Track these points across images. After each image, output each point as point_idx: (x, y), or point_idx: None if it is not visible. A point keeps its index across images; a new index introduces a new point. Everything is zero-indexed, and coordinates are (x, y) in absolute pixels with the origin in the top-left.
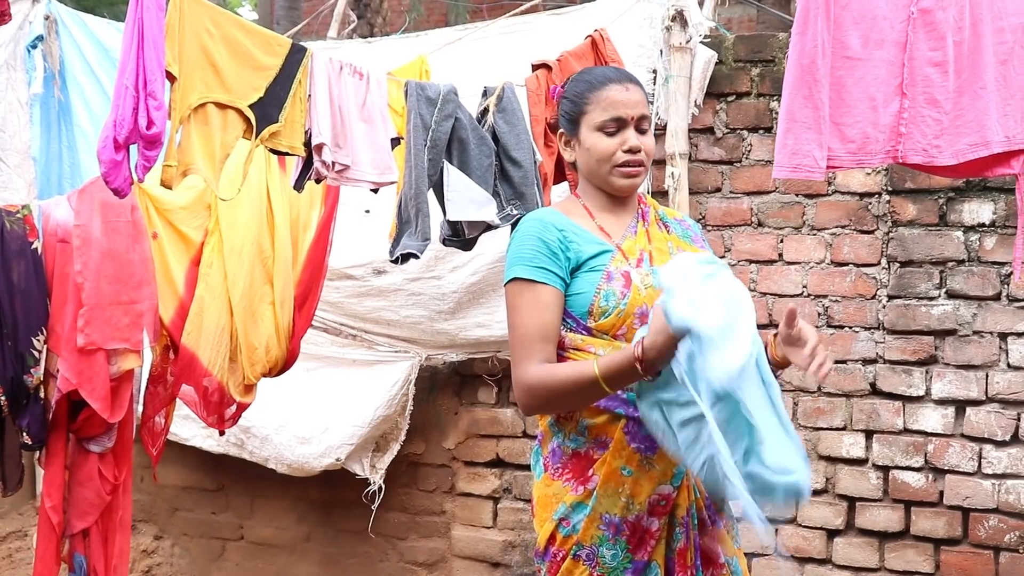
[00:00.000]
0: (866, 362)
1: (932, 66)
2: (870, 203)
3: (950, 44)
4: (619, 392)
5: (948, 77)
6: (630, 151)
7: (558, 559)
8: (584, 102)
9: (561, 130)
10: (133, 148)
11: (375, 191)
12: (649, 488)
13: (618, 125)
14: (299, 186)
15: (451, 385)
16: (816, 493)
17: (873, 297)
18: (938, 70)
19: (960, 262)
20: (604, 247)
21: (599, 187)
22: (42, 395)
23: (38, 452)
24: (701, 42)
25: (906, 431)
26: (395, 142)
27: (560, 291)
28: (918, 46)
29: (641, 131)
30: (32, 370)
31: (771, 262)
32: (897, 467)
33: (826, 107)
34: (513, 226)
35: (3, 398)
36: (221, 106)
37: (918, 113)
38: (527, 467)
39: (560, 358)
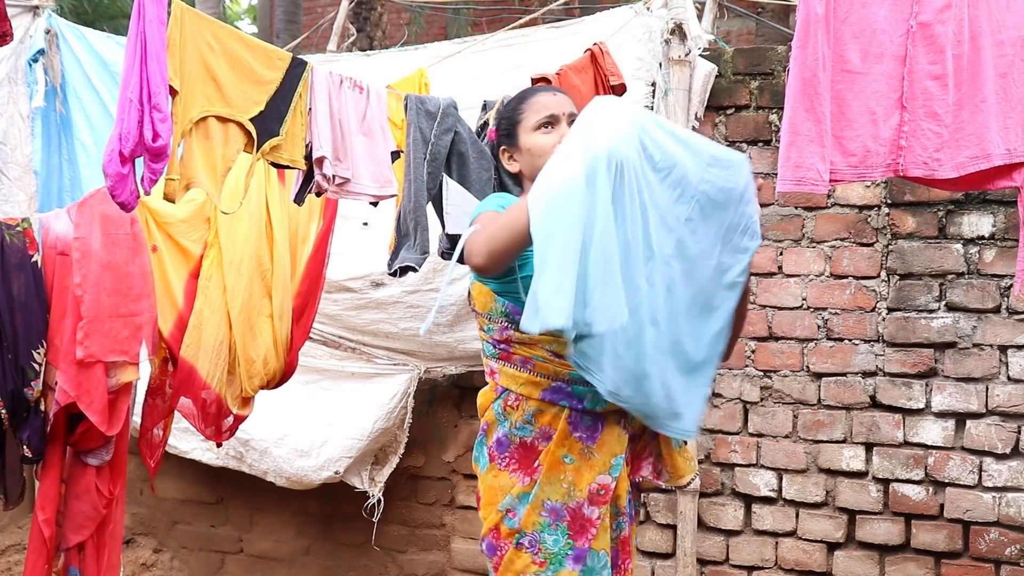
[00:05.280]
0: (866, 375)
1: (932, 79)
2: (869, 216)
3: (949, 57)
4: (564, 386)
5: (948, 90)
6: None
7: (503, 551)
8: (518, 112)
9: (503, 147)
10: (138, 161)
11: (375, 204)
12: (590, 477)
13: (552, 122)
14: (300, 200)
15: (450, 398)
16: (816, 506)
17: (873, 310)
18: (938, 83)
19: (960, 275)
20: None
21: None
22: (42, 408)
23: (37, 465)
24: (700, 55)
25: (906, 444)
26: (395, 155)
27: None
28: (917, 60)
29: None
30: (32, 383)
31: (770, 275)
32: (897, 480)
33: (828, 120)
34: None
35: (4, 411)
36: (222, 120)
37: (918, 126)
38: None
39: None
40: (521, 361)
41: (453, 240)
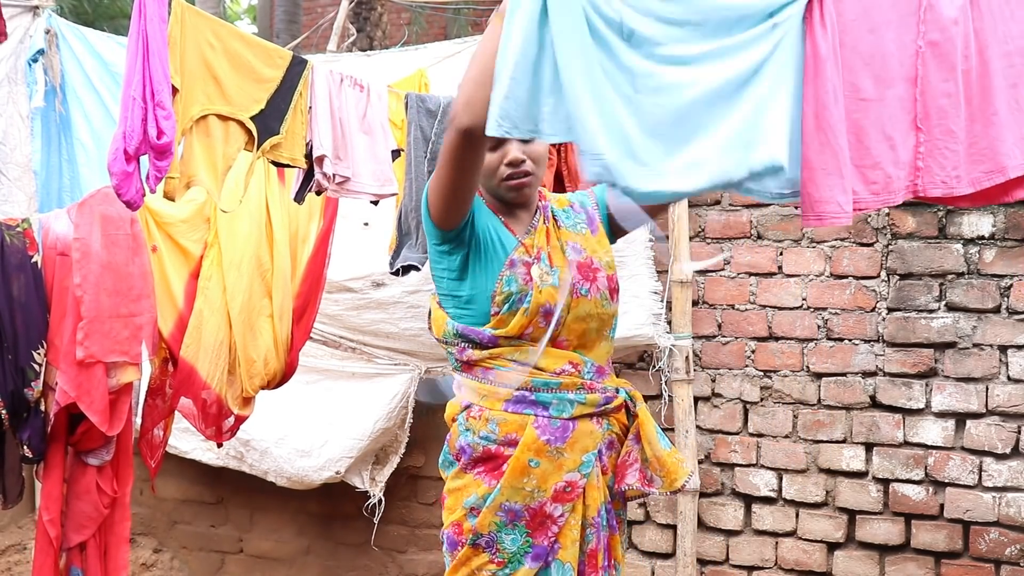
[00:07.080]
0: (866, 375)
1: (945, 97)
2: (869, 216)
3: (959, 73)
4: (527, 394)
5: (960, 107)
6: (511, 164)
7: (462, 547)
8: None
9: None
10: (143, 159)
11: (375, 203)
12: (557, 476)
13: (496, 140)
14: (300, 198)
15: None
16: (816, 506)
17: (873, 310)
18: (951, 101)
19: (960, 275)
20: (509, 236)
21: (493, 195)
22: (43, 408)
23: (37, 465)
24: None
25: (906, 444)
26: (395, 154)
27: None
28: (929, 79)
29: (524, 140)
30: (32, 383)
31: (770, 275)
32: (897, 480)
33: (845, 152)
34: None
35: (4, 411)
36: (223, 118)
37: (934, 146)
38: None
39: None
40: (482, 372)
41: None
